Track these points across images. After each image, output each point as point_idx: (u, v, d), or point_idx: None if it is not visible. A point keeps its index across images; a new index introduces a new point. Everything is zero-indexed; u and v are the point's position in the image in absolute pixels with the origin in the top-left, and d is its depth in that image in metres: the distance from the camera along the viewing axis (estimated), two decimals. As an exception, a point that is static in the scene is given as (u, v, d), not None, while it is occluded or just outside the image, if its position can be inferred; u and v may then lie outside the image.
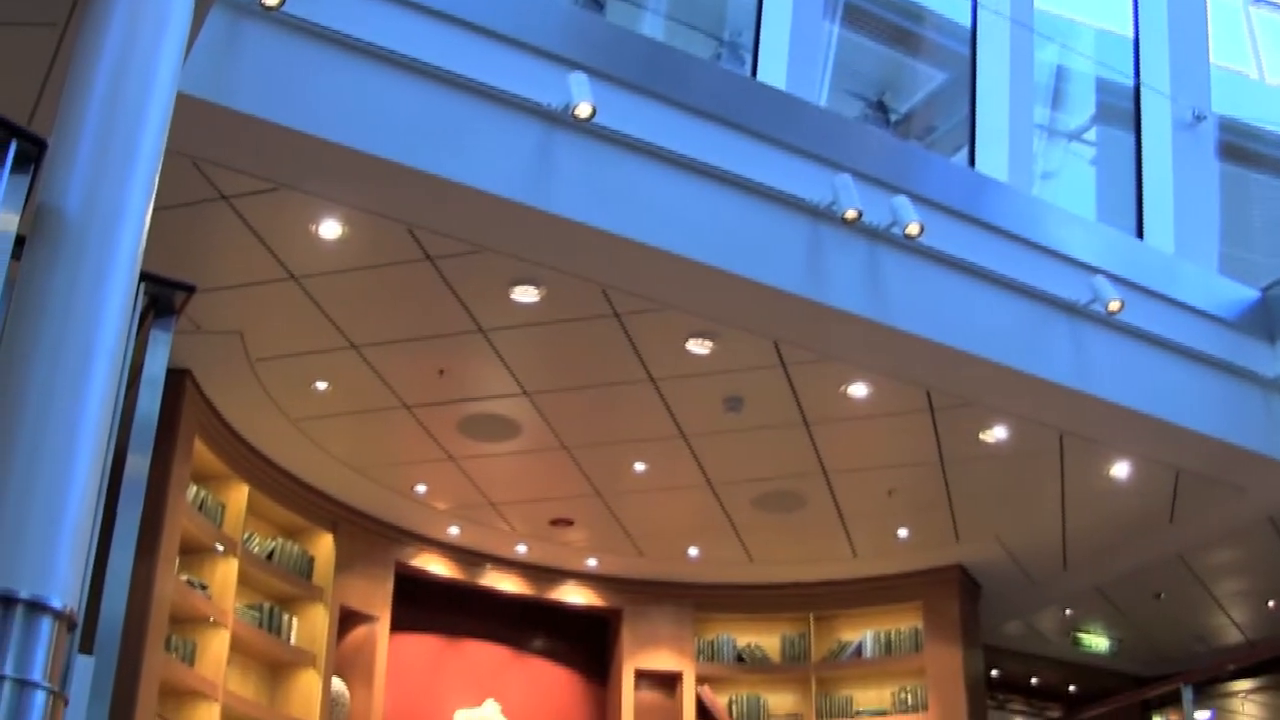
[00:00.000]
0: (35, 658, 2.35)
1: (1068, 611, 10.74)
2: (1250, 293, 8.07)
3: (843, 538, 9.17)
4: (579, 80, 5.74)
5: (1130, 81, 9.86)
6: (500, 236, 5.84)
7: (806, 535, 9.11)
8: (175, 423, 7.02)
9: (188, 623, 7.38)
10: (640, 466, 8.16)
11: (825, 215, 6.37)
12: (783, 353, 6.81)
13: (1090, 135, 10.70)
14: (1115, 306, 7.05)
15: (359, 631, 8.82)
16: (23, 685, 2.32)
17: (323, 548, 8.63)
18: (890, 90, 9.79)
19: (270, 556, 8.19)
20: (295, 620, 8.36)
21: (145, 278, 2.99)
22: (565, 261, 6.02)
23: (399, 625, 9.03)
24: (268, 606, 8.15)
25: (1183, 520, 8.54)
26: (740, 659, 10.17)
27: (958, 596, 9.58)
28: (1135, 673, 11.79)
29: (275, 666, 8.32)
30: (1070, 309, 7.09)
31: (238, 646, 7.70)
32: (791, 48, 8.13)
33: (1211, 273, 8.60)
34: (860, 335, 6.51)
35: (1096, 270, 7.23)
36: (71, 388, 2.57)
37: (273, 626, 8.12)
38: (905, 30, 10.12)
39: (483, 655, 9.75)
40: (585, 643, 10.20)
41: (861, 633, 9.97)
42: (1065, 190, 10.34)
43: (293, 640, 8.28)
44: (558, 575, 9.81)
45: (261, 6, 5.03)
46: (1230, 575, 9.71)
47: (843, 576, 9.81)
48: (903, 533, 9.09)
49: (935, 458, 7.92)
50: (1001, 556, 9.37)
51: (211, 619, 7.48)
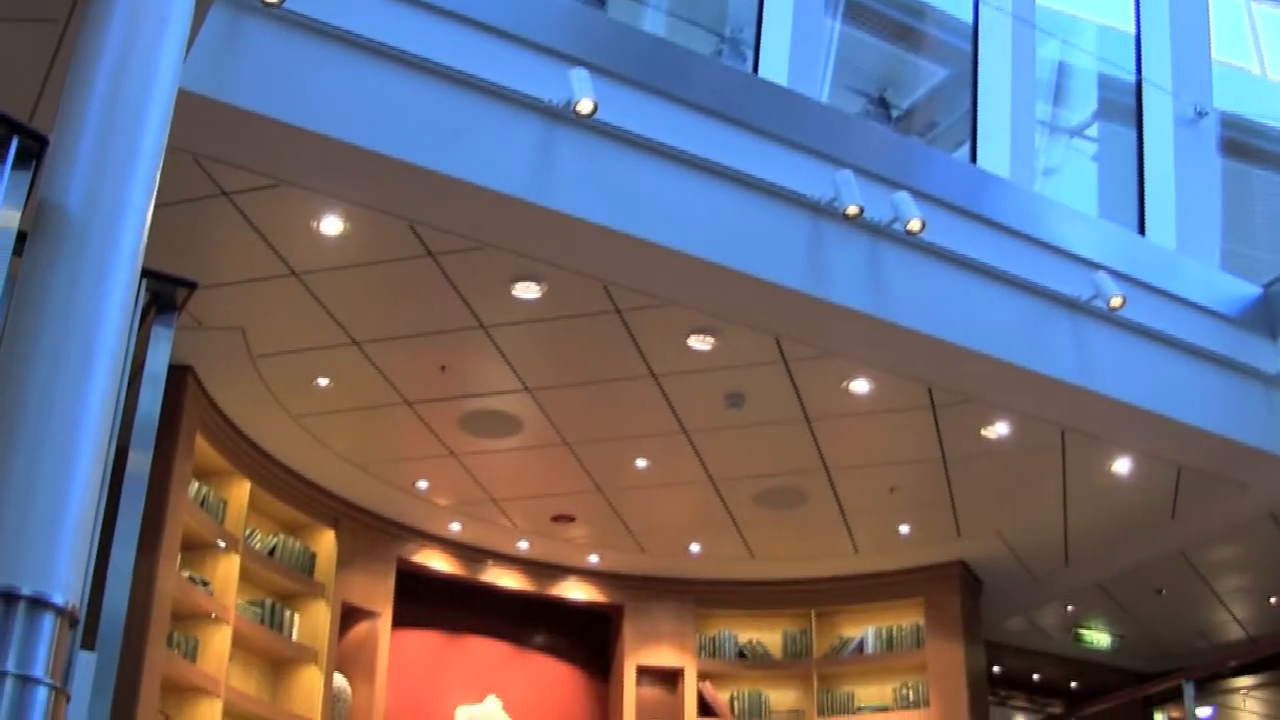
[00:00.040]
0: (37, 654, 2.35)
1: (1069, 607, 10.73)
2: (1252, 289, 8.06)
3: (844, 534, 9.17)
4: (580, 76, 5.73)
5: (1132, 77, 9.84)
6: (501, 232, 5.84)
7: (808, 531, 9.11)
8: (177, 419, 7.02)
9: (189, 619, 7.38)
10: (642, 463, 8.16)
11: (826, 211, 6.37)
12: (784, 349, 6.81)
13: (1092, 131, 10.67)
14: (1117, 302, 7.04)
15: (360, 627, 8.82)
16: (25, 681, 2.32)
17: (324, 544, 8.63)
18: (892, 86, 9.78)
19: (272, 552, 8.20)
20: (297, 616, 8.36)
21: (147, 274, 2.99)
22: (566, 258, 6.02)
23: (400, 621, 9.03)
24: (269, 602, 8.15)
25: (1184, 516, 8.54)
26: (742, 655, 10.17)
27: (959, 592, 9.57)
28: (1137, 669, 11.77)
29: (277, 662, 8.33)
30: (1072, 305, 7.09)
31: (239, 642, 7.71)
32: (793, 44, 8.11)
33: (1213, 269, 8.59)
34: (862, 331, 6.51)
35: (1098, 266, 7.22)
36: (73, 384, 2.57)
37: (274, 623, 8.12)
38: (907, 26, 10.10)
39: (484, 651, 9.75)
40: (587, 639, 10.20)
41: (863, 629, 9.97)
42: (1067, 186, 10.32)
43: (294, 636, 8.28)
44: (559, 571, 9.81)
45: (262, 3, 5.03)
46: (1232, 571, 9.71)
47: (844, 572, 9.81)
48: (904, 529, 9.09)
49: (937, 454, 7.92)
50: (1003, 552, 9.37)
51: (213, 615, 7.48)
